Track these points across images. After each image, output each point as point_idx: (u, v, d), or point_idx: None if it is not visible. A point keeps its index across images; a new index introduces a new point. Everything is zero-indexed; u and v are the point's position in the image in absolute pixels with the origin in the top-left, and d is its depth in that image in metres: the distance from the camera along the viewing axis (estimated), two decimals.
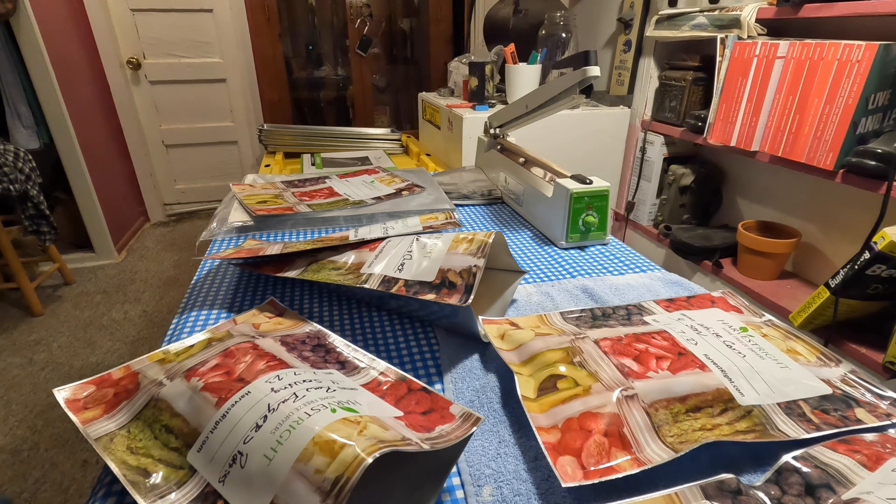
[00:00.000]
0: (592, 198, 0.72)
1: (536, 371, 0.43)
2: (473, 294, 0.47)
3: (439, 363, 0.50)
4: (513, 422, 0.42)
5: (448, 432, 0.35)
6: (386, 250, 0.57)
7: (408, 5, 3.15)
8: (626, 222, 1.68)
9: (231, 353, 0.42)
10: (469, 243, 0.52)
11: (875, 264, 0.84)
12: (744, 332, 0.49)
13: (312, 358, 0.45)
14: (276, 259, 0.63)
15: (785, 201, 1.29)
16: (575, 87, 0.70)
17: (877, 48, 0.90)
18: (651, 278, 0.66)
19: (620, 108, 1.59)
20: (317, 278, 0.56)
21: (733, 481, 0.33)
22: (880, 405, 0.41)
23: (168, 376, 0.40)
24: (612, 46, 1.67)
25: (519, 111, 0.86)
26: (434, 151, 1.68)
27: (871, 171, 0.93)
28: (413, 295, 0.50)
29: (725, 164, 1.45)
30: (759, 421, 0.38)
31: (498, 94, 1.68)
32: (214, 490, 0.31)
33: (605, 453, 0.36)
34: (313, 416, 0.32)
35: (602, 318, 0.52)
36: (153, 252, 2.49)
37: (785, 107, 1.08)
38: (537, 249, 0.75)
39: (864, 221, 1.09)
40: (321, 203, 0.86)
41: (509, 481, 0.36)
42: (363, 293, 0.57)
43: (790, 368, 0.44)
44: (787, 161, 1.09)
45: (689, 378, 0.41)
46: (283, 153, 1.66)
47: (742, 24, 1.16)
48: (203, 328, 0.55)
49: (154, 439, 0.36)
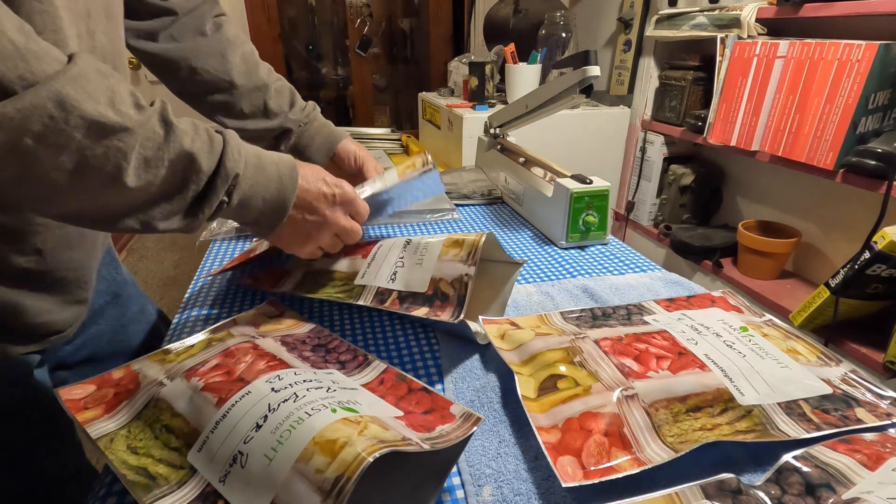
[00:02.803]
0: (592, 197, 0.72)
1: (537, 371, 0.43)
2: (466, 307, 0.47)
3: (439, 363, 0.50)
4: (513, 422, 0.42)
5: (448, 432, 0.35)
6: (378, 257, 0.57)
7: (408, 5, 3.15)
8: (626, 222, 1.68)
9: (231, 353, 0.42)
10: (459, 247, 0.52)
11: (875, 264, 0.84)
12: (744, 331, 0.49)
13: (313, 358, 0.45)
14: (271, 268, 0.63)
15: (785, 201, 1.29)
16: (575, 87, 0.70)
17: (877, 48, 0.90)
18: (651, 278, 0.66)
19: (620, 108, 1.59)
20: (311, 294, 0.56)
21: (733, 481, 0.33)
22: (880, 405, 0.41)
23: (168, 376, 0.40)
24: (612, 46, 1.67)
25: (519, 111, 0.86)
26: (434, 151, 1.68)
27: (871, 170, 0.93)
28: (406, 309, 0.50)
29: (725, 164, 1.45)
30: (760, 421, 0.38)
31: (498, 94, 1.68)
32: (215, 490, 0.31)
33: (606, 453, 0.36)
34: (314, 416, 0.32)
35: (602, 317, 0.52)
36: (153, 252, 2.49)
37: (785, 106, 1.08)
38: (537, 249, 0.75)
39: (864, 221, 1.09)
40: None
41: (509, 481, 0.36)
42: (359, 305, 0.58)
43: (790, 368, 0.44)
44: (787, 161, 1.09)
45: (689, 378, 0.41)
46: None
47: (742, 23, 1.16)
48: (203, 328, 0.55)
49: (154, 439, 0.36)
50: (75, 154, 0.32)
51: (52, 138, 0.30)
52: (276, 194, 0.45)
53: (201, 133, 0.39)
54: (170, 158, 0.37)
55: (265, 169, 0.44)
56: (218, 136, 0.41)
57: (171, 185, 0.38)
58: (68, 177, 0.32)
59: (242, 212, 0.44)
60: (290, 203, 0.46)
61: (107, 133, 0.33)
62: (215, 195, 0.40)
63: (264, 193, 0.44)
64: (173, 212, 0.39)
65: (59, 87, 0.30)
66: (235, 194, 0.42)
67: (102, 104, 0.32)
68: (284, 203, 0.46)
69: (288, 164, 0.46)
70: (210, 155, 0.39)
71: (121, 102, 0.34)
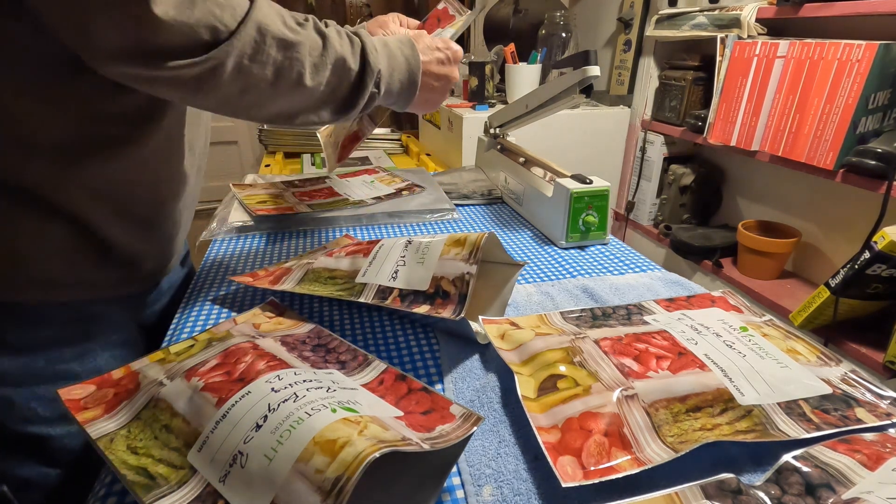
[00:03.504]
0: (592, 197, 0.72)
1: (537, 371, 0.43)
2: (467, 305, 0.47)
3: (439, 363, 0.50)
4: (513, 422, 0.42)
5: (448, 432, 0.35)
6: (380, 255, 0.57)
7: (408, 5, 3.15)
8: (626, 222, 1.68)
9: (231, 352, 0.42)
10: (461, 247, 0.52)
11: (875, 264, 0.84)
12: (744, 331, 0.49)
13: (313, 358, 0.45)
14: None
15: (785, 201, 1.29)
16: (575, 87, 0.70)
17: (877, 48, 0.90)
18: (651, 278, 0.66)
19: (620, 108, 1.59)
20: (312, 291, 0.56)
21: (733, 481, 0.33)
22: (880, 405, 0.41)
23: (168, 376, 0.40)
24: (612, 46, 1.67)
25: (519, 111, 0.86)
26: (434, 151, 1.68)
27: (871, 170, 0.93)
28: (408, 307, 0.50)
29: (725, 164, 1.45)
30: (760, 421, 0.38)
31: (498, 94, 1.68)
32: (215, 490, 0.31)
33: (606, 453, 0.36)
34: (314, 416, 0.32)
35: (602, 317, 0.52)
36: None
37: (785, 106, 1.08)
38: (537, 249, 0.75)
39: (864, 221, 1.09)
40: (321, 203, 0.86)
41: (509, 481, 0.36)
42: (359, 305, 0.58)
43: (790, 368, 0.44)
44: (787, 161, 1.09)
45: (689, 378, 0.41)
46: (283, 153, 1.66)
47: (742, 23, 1.16)
48: (203, 328, 0.55)
49: (154, 439, 0.36)
50: (272, 66, 0.42)
51: (258, 56, 0.41)
52: (408, 75, 0.54)
53: (343, 37, 0.48)
54: (330, 62, 0.46)
55: (395, 56, 0.53)
56: (356, 37, 0.49)
57: (333, 83, 0.47)
58: (270, 85, 0.43)
59: (385, 97, 0.54)
60: (419, 78, 0.55)
61: (288, 47, 0.43)
62: (365, 89, 0.49)
63: (399, 77, 0.53)
64: (336, 105, 0.49)
65: (257, 19, 0.40)
66: (382, 85, 0.51)
67: (280, 25, 0.42)
68: (415, 80, 0.55)
69: (408, 44, 0.55)
70: (353, 55, 0.48)
71: (290, 21, 0.43)
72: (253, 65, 0.41)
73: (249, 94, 0.43)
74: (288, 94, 0.45)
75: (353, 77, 0.48)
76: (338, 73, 0.47)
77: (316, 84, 0.46)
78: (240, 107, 0.44)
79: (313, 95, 0.46)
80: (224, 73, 0.40)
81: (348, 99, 0.49)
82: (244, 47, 0.40)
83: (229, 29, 0.39)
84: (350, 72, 0.48)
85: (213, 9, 0.38)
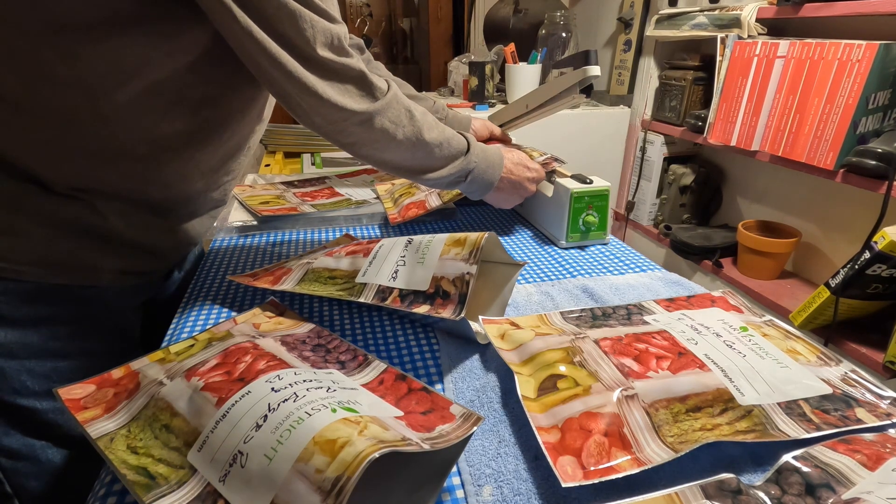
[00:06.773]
0: (593, 197, 0.72)
1: (536, 371, 0.43)
2: (467, 305, 0.47)
3: (439, 363, 0.50)
4: (513, 422, 0.42)
5: (448, 432, 0.35)
6: (380, 255, 0.57)
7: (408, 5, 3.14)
8: (626, 222, 1.68)
9: (231, 352, 0.42)
10: (461, 246, 0.52)
11: (875, 264, 0.84)
12: (744, 331, 0.49)
13: (313, 358, 0.45)
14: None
15: (785, 201, 1.29)
16: (575, 87, 0.70)
17: (877, 48, 0.90)
18: (651, 278, 0.66)
19: (620, 108, 1.59)
20: (312, 291, 0.56)
21: (733, 481, 0.33)
22: (880, 405, 0.41)
23: (168, 376, 0.40)
24: (612, 46, 1.67)
25: (519, 111, 0.86)
26: None
27: (871, 170, 0.93)
28: (408, 307, 0.50)
29: (725, 164, 1.45)
30: (760, 421, 0.38)
31: (498, 94, 1.68)
32: (215, 490, 0.31)
33: (606, 453, 0.36)
34: (314, 416, 0.32)
35: (602, 317, 0.52)
36: None
37: (785, 106, 1.08)
38: (537, 249, 0.75)
39: (864, 221, 1.09)
40: (325, 203, 0.86)
41: (509, 481, 0.36)
42: (359, 305, 0.58)
43: (790, 368, 0.44)
44: (787, 161, 1.09)
45: (689, 378, 0.41)
46: (283, 153, 1.65)
47: (742, 23, 1.16)
48: (203, 328, 0.55)
49: (154, 439, 0.36)
50: (402, 128, 0.56)
51: (395, 118, 0.55)
52: (490, 180, 0.68)
53: (458, 137, 0.63)
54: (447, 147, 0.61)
55: (491, 162, 0.67)
56: (465, 140, 0.64)
57: (443, 160, 0.62)
58: (393, 140, 0.56)
59: (469, 187, 0.67)
60: (495, 184, 0.69)
61: (413, 116, 0.56)
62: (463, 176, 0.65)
63: (484, 177, 0.67)
64: (439, 173, 0.62)
65: (396, 92, 0.55)
66: (470, 177, 0.65)
67: (407, 101, 0.57)
68: (492, 184, 0.69)
69: (497, 156, 0.69)
70: (465, 151, 0.64)
71: (413, 107, 0.57)
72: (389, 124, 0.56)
73: (371, 146, 0.57)
74: (406, 149, 0.58)
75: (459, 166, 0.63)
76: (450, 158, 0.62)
77: (426, 153, 0.60)
78: (358, 149, 0.57)
79: (425, 159, 0.60)
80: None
81: (453, 176, 0.64)
82: (386, 110, 0.54)
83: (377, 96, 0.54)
84: (460, 159, 0.63)
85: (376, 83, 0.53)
